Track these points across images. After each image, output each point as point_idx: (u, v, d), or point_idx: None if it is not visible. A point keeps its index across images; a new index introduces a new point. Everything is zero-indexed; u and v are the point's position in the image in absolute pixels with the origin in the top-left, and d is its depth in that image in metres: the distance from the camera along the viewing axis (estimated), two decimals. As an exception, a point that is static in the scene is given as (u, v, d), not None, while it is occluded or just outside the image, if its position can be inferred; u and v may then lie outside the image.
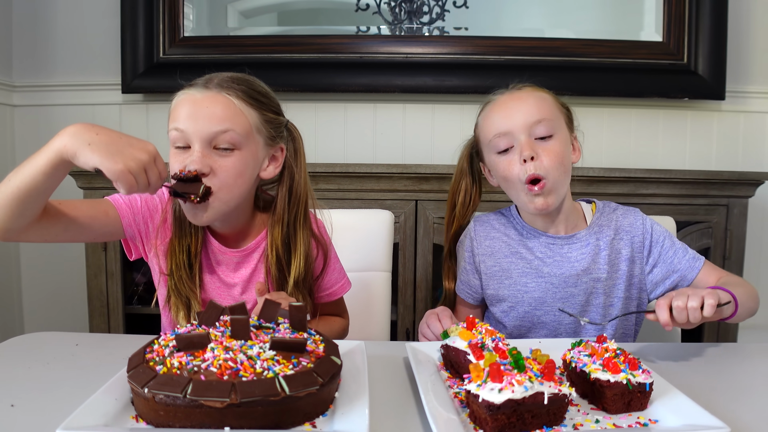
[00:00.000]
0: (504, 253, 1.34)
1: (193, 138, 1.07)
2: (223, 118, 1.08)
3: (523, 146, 1.22)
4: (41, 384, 0.88)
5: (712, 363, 1.03)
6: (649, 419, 0.74)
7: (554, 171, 1.22)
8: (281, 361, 0.71)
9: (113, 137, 0.92)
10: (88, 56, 2.55)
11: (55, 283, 2.61)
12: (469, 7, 2.47)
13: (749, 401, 0.84)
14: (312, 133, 2.51)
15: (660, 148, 2.56)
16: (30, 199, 0.96)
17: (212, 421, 0.66)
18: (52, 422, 0.70)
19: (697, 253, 1.31)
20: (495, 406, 0.67)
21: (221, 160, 1.08)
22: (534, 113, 1.24)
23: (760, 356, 1.11)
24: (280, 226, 1.19)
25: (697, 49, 2.45)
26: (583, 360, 0.80)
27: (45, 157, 0.93)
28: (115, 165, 0.89)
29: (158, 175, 0.94)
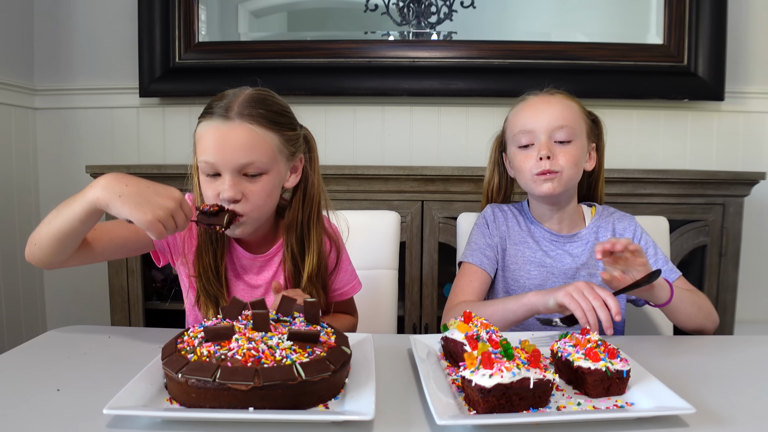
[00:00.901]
0: (514, 240, 1.46)
1: (223, 168, 1.14)
2: (249, 149, 1.15)
3: (542, 146, 1.34)
4: (81, 371, 0.98)
5: (689, 353, 1.12)
6: (625, 402, 0.83)
7: (568, 169, 1.35)
8: (298, 350, 0.81)
9: (141, 188, 1.00)
10: (106, 61, 2.65)
11: (76, 281, 2.71)
12: (476, 7, 2.54)
13: (716, 386, 0.93)
14: (322, 135, 2.58)
15: (661, 148, 2.63)
16: (68, 239, 1.06)
17: (238, 402, 0.75)
18: (94, 404, 0.80)
19: (675, 267, 1.42)
20: (486, 390, 0.76)
21: (251, 186, 1.16)
22: (558, 118, 1.35)
23: (733, 346, 1.19)
24: (295, 225, 1.28)
25: (697, 52, 2.52)
26: (568, 350, 0.89)
27: (80, 206, 1.02)
28: (144, 216, 0.97)
29: (184, 218, 1.03)
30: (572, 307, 1.09)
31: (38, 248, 1.09)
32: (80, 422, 0.77)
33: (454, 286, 1.43)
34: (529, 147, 1.38)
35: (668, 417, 0.79)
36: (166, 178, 2.11)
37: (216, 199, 1.16)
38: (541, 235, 1.46)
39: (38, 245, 1.08)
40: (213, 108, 1.18)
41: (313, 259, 1.27)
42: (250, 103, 1.18)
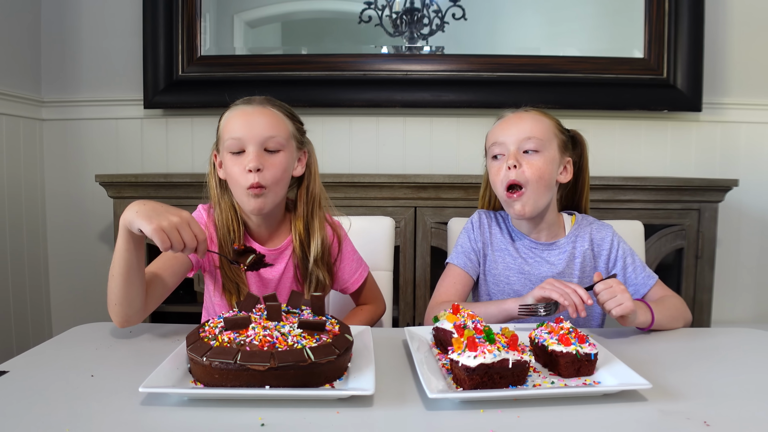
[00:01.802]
0: (496, 246, 1.56)
1: (248, 142, 1.31)
2: (271, 126, 1.34)
3: (510, 155, 1.43)
4: (111, 361, 1.09)
5: (655, 342, 1.25)
6: (593, 381, 0.95)
7: (534, 183, 1.42)
8: (307, 336, 0.92)
9: (155, 207, 1.13)
10: (111, 74, 2.75)
11: (81, 284, 2.81)
12: (467, 19, 2.65)
13: (675, 368, 1.05)
14: (320, 145, 2.66)
15: (642, 157, 2.75)
16: (131, 276, 1.18)
17: (256, 381, 0.87)
18: (127, 387, 0.92)
19: (652, 272, 1.51)
20: (471, 369, 0.87)
21: (271, 158, 1.33)
22: (527, 131, 1.44)
23: (695, 336, 1.32)
24: (302, 216, 1.44)
25: (676, 65, 2.65)
26: (544, 336, 1.01)
27: (120, 237, 1.16)
28: (149, 224, 1.10)
29: (192, 235, 1.13)
30: (551, 294, 1.23)
31: (119, 305, 1.19)
32: (116, 400, 0.88)
33: (438, 285, 1.54)
34: (500, 158, 1.47)
35: (629, 392, 0.91)
36: (171, 186, 2.24)
37: (242, 177, 1.30)
38: (521, 243, 1.55)
39: (117, 302, 1.19)
40: (236, 102, 1.38)
41: (317, 243, 1.42)
42: (267, 98, 1.39)
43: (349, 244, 1.55)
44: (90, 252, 2.80)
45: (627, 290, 1.23)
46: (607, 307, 1.22)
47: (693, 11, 2.61)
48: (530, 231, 1.54)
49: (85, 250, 2.80)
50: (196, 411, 0.85)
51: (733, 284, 2.79)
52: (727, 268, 2.75)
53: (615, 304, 1.21)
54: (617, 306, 1.20)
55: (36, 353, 1.12)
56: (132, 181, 2.30)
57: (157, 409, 0.85)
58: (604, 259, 1.52)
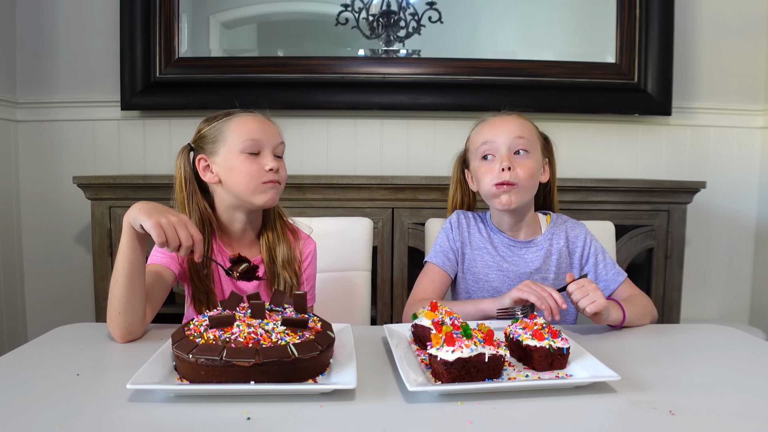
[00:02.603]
0: (475, 245, 1.60)
1: (266, 145, 1.41)
2: (279, 134, 1.46)
3: (503, 157, 1.49)
4: (95, 360, 1.11)
5: (625, 337, 1.30)
6: (565, 374, 0.99)
7: (526, 181, 1.49)
8: (290, 333, 0.95)
9: (156, 206, 1.20)
10: (88, 75, 2.74)
11: (57, 288, 2.79)
12: (444, 23, 2.69)
13: (643, 361, 1.10)
14: (297, 147, 2.72)
15: (614, 160, 2.82)
16: (134, 279, 1.21)
17: (241, 377, 0.89)
18: (113, 385, 0.94)
19: (622, 270, 1.57)
20: (449, 363, 0.91)
21: (280, 162, 1.44)
22: (516, 131, 1.51)
23: (662, 331, 1.38)
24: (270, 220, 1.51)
25: (646, 70, 2.72)
26: (518, 332, 1.05)
27: (124, 236, 1.21)
28: (149, 219, 1.15)
29: (188, 234, 1.18)
30: (529, 297, 1.27)
31: (122, 313, 1.20)
32: (104, 398, 0.90)
33: (417, 283, 1.58)
34: (491, 159, 1.52)
35: (600, 384, 0.96)
36: (150, 187, 2.24)
37: (259, 174, 1.38)
38: (500, 241, 1.60)
39: (120, 310, 1.20)
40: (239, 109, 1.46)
41: (284, 248, 1.49)
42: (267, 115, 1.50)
43: (312, 271, 1.59)
44: (67, 254, 2.79)
45: (599, 289, 1.28)
46: (581, 305, 1.26)
47: (663, 18, 2.68)
48: (509, 229, 1.59)
49: (61, 253, 2.79)
50: (183, 407, 0.87)
51: (701, 283, 2.87)
52: (695, 267, 2.83)
53: (588, 301, 1.25)
54: (591, 303, 1.25)
55: (19, 354, 1.13)
56: (110, 183, 2.30)
57: (144, 406, 0.87)
58: (578, 256, 1.58)
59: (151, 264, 1.38)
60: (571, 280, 1.31)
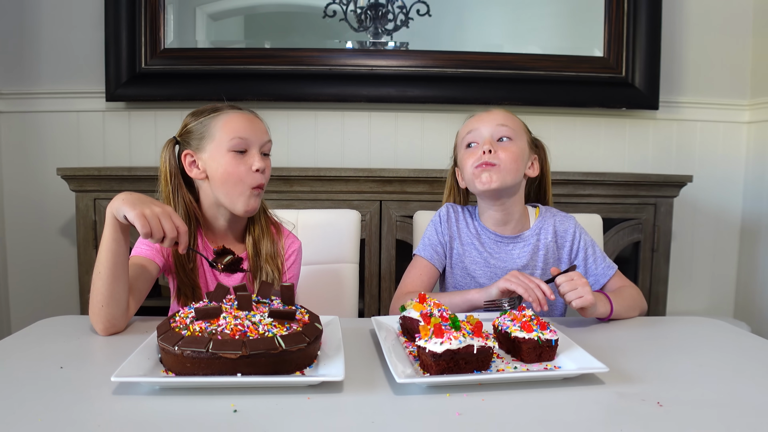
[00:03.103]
0: (463, 240, 1.60)
1: (253, 143, 1.39)
2: (267, 132, 1.44)
3: (485, 141, 1.49)
4: (79, 353, 1.09)
5: (613, 329, 1.30)
6: (554, 366, 0.99)
7: (508, 164, 1.48)
8: (277, 325, 0.94)
9: (141, 197, 1.18)
10: (72, 65, 2.70)
11: (41, 282, 2.77)
12: (432, 15, 2.68)
13: (631, 353, 1.11)
14: (285, 139, 2.71)
15: (601, 153, 2.83)
16: (117, 270, 1.20)
17: (228, 369, 0.88)
18: (98, 377, 0.93)
19: (612, 262, 1.57)
20: (437, 355, 0.91)
21: (267, 161, 1.42)
22: (499, 119, 1.52)
23: (651, 324, 1.39)
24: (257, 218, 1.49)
25: (634, 65, 2.72)
26: (507, 324, 1.05)
27: (107, 227, 1.19)
28: (132, 210, 1.14)
29: (172, 226, 1.17)
30: (516, 288, 1.28)
31: (105, 306, 1.19)
32: (88, 391, 0.89)
33: (405, 276, 1.58)
34: (474, 146, 1.53)
35: (588, 376, 0.96)
36: (135, 179, 2.22)
37: (247, 175, 1.36)
38: (487, 237, 1.59)
39: (103, 303, 1.18)
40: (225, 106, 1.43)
41: (267, 243, 1.48)
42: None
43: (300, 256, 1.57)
44: (51, 247, 2.76)
45: (587, 283, 1.28)
46: (568, 298, 1.27)
47: (651, 12, 2.69)
48: (497, 225, 1.58)
49: (45, 246, 2.76)
50: (169, 399, 0.86)
51: (686, 277, 2.89)
52: (681, 261, 2.85)
53: (575, 296, 1.26)
54: (577, 298, 1.26)
55: (1, 347, 1.11)
56: (95, 175, 2.27)
57: (129, 399, 0.86)
58: (567, 250, 1.57)
59: (135, 256, 1.36)
60: (556, 274, 1.31)
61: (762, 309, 2.76)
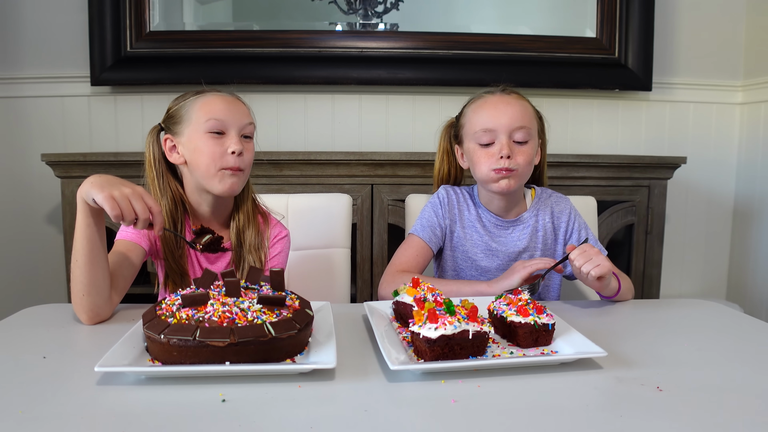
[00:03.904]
0: (463, 223, 1.57)
1: (231, 125, 1.35)
2: (248, 114, 1.40)
3: (503, 146, 1.44)
4: (63, 342, 1.06)
5: (609, 313, 1.29)
6: (551, 351, 0.97)
7: (524, 168, 1.47)
8: (267, 312, 0.91)
9: (110, 178, 1.13)
10: (56, 49, 2.64)
11: (27, 267, 2.73)
12: (422, -4, 2.62)
13: (629, 337, 1.09)
14: (274, 122, 2.67)
15: (594, 135, 2.81)
16: (95, 257, 1.16)
17: (215, 358, 0.85)
18: (81, 367, 0.90)
19: (602, 246, 1.56)
20: (432, 340, 0.88)
21: (247, 144, 1.38)
22: (517, 119, 1.46)
23: (646, 307, 1.37)
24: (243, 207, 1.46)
25: (627, 45, 2.69)
26: (502, 308, 1.03)
27: (79, 212, 1.15)
28: (101, 193, 1.08)
29: (144, 206, 1.11)
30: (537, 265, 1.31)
31: (86, 295, 1.15)
32: (71, 381, 0.86)
33: (398, 253, 1.54)
34: (490, 146, 1.48)
35: (585, 360, 0.94)
36: (122, 165, 2.18)
37: (222, 156, 1.32)
38: (488, 220, 1.57)
39: (84, 292, 1.15)
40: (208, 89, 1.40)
41: (252, 233, 1.44)
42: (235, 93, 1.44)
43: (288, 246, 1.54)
44: (37, 234, 2.71)
45: (601, 253, 1.26)
46: (584, 270, 1.25)
47: (644, -8, 2.65)
48: (499, 209, 1.57)
49: (31, 232, 2.71)
50: (155, 389, 0.83)
51: (679, 259, 2.88)
52: (673, 243, 2.84)
53: (592, 265, 1.24)
54: (595, 267, 1.24)
55: (-19, 337, 1.09)
56: (80, 160, 2.23)
57: (114, 389, 0.83)
58: (563, 230, 1.57)
59: (120, 240, 1.33)
60: (571, 250, 1.29)
61: (754, 291, 2.75)
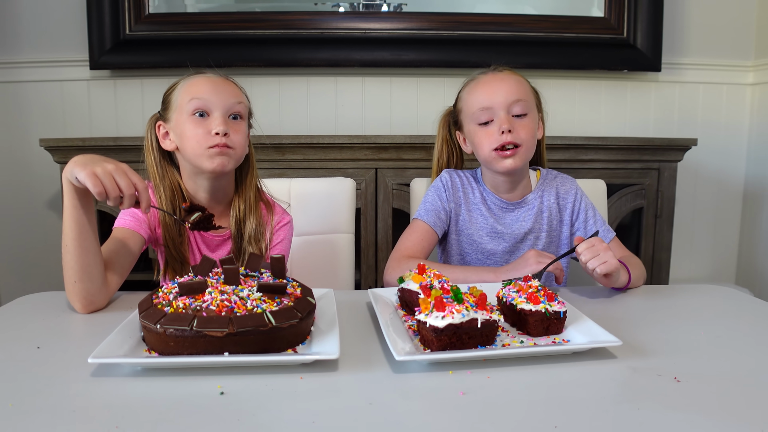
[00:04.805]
0: (468, 206, 1.54)
1: (215, 106, 1.30)
2: (237, 94, 1.35)
3: (502, 120, 1.41)
4: (58, 331, 1.03)
5: (621, 299, 1.25)
6: (562, 339, 0.93)
7: (528, 141, 1.43)
8: (267, 300, 0.88)
9: (94, 156, 1.09)
10: (55, 33, 2.60)
11: (28, 253, 2.71)
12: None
13: (642, 325, 1.05)
14: (276, 106, 2.62)
15: (602, 117, 2.75)
16: (85, 240, 1.13)
17: (214, 348, 0.82)
18: (76, 358, 0.87)
19: (610, 228, 1.53)
20: (439, 330, 0.84)
21: (235, 125, 1.33)
22: (513, 93, 1.43)
23: (659, 293, 1.33)
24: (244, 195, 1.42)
25: (635, 25, 2.63)
26: (512, 295, 0.99)
27: (66, 194, 1.11)
28: (83, 170, 1.04)
29: (128, 182, 1.07)
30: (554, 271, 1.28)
31: (78, 281, 1.12)
32: (65, 373, 0.83)
33: (403, 238, 1.51)
34: (489, 124, 1.45)
35: (598, 350, 0.90)
36: (121, 150, 2.15)
37: (204, 138, 1.28)
38: (492, 203, 1.54)
39: (76, 278, 1.12)
40: (194, 72, 1.37)
41: (253, 223, 1.40)
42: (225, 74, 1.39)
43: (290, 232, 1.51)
44: (37, 220, 2.68)
45: (609, 248, 1.21)
46: (591, 266, 1.20)
47: (653, -30, 2.58)
48: (503, 190, 1.54)
49: (31, 219, 2.68)
50: (151, 381, 0.80)
51: (688, 243, 2.84)
52: (682, 227, 2.79)
53: (599, 262, 1.19)
54: (601, 264, 1.19)
55: (-25, 326, 1.06)
56: (79, 146, 2.19)
57: (109, 381, 0.80)
58: (569, 211, 1.54)
59: (118, 228, 1.30)
60: (579, 242, 1.24)
61: (764, 275, 2.71)
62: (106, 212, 2.21)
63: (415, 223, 1.54)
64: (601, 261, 1.19)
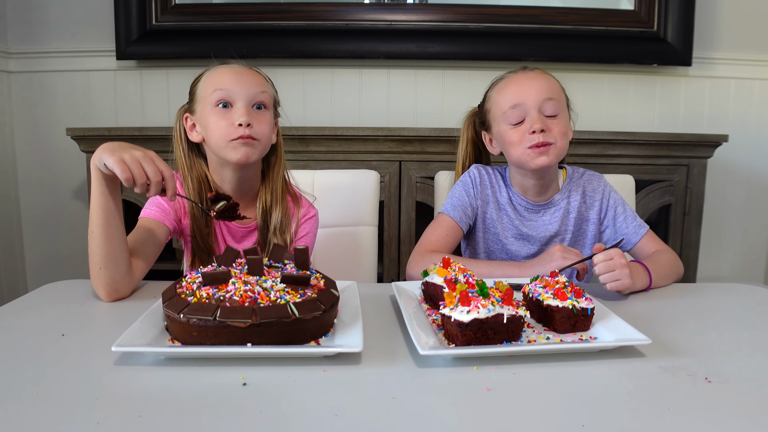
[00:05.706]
0: (496, 205, 1.52)
1: (238, 97, 1.30)
2: (260, 83, 1.35)
3: (535, 120, 1.38)
4: (83, 319, 1.04)
5: (650, 297, 1.22)
6: (589, 337, 0.91)
7: (560, 140, 1.40)
8: (290, 291, 0.87)
9: (122, 144, 1.10)
10: (82, 23, 2.62)
11: (56, 241, 2.74)
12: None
13: (672, 323, 1.03)
14: (300, 97, 2.62)
15: (630, 112, 2.71)
16: (111, 228, 1.13)
17: (237, 339, 0.82)
18: (99, 346, 0.87)
19: (643, 222, 1.49)
20: (464, 324, 0.83)
21: (259, 115, 1.33)
22: (545, 92, 1.40)
23: (690, 291, 1.30)
24: (270, 185, 1.42)
25: (666, 18, 2.58)
26: (538, 291, 0.97)
27: (94, 181, 1.12)
28: (112, 156, 1.05)
29: (156, 169, 1.07)
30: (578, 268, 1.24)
31: (103, 268, 1.12)
32: (89, 361, 0.83)
33: (428, 232, 1.49)
34: (520, 124, 1.41)
35: (626, 348, 0.88)
36: (147, 140, 2.16)
37: (228, 131, 1.28)
38: (519, 203, 1.52)
39: (101, 265, 1.12)
40: (218, 62, 1.37)
41: (278, 214, 1.40)
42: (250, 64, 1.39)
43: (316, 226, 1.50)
44: (64, 208, 2.72)
45: (627, 264, 1.18)
46: (602, 280, 1.17)
47: (684, -39, 2.53)
48: (531, 191, 1.51)
49: (59, 207, 2.72)
50: (174, 370, 0.80)
51: (716, 241, 2.78)
52: (711, 224, 2.74)
53: (611, 279, 1.16)
54: (614, 282, 1.16)
55: (3, 313, 1.06)
56: (105, 135, 2.21)
57: (131, 369, 0.80)
58: (596, 209, 1.51)
59: (144, 218, 1.30)
60: (598, 251, 1.21)
61: (795, 274, 2.65)
62: (132, 201, 2.22)
63: (440, 217, 1.52)
64: (614, 278, 1.16)
